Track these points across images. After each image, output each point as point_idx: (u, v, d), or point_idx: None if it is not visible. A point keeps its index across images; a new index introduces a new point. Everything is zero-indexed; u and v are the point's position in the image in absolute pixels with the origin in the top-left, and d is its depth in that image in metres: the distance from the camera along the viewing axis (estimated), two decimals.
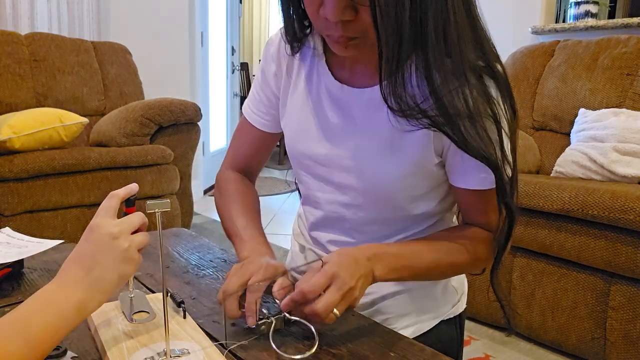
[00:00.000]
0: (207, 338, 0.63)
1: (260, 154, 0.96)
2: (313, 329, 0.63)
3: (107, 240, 0.57)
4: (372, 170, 0.76)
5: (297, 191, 0.96)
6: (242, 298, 0.67)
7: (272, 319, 0.64)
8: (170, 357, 0.59)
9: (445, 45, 0.63)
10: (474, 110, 0.66)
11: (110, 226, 0.58)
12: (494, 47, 0.70)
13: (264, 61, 0.89)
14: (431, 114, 0.65)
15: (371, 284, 0.67)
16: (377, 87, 0.72)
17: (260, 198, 0.94)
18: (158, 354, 0.59)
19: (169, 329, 0.60)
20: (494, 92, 0.68)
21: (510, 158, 0.70)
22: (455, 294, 0.90)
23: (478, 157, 0.67)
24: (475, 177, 0.73)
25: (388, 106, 0.67)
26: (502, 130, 0.68)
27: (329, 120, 0.80)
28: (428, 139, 0.73)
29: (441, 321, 0.87)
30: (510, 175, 0.71)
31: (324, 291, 0.62)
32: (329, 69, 0.80)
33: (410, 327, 0.84)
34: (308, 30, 0.80)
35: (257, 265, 0.68)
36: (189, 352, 0.60)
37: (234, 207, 0.87)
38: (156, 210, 0.58)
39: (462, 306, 0.91)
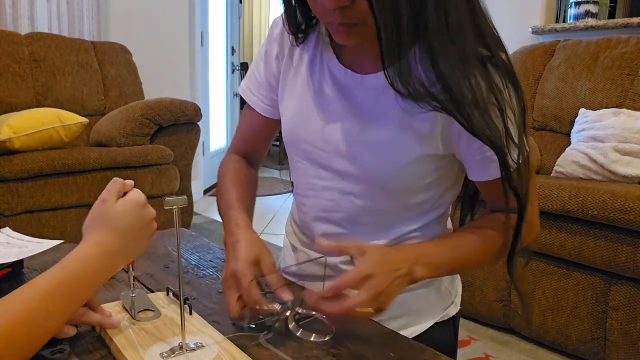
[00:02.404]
0: (218, 332, 0.64)
1: (260, 139, 0.95)
2: (325, 320, 0.65)
3: (149, 220, 0.65)
4: (372, 156, 0.76)
5: (291, 184, 0.96)
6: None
7: (289, 312, 0.66)
8: (186, 350, 0.59)
9: (448, 31, 0.63)
10: (479, 97, 0.66)
11: (151, 208, 0.66)
12: (497, 34, 0.70)
13: (268, 43, 0.88)
14: (440, 98, 0.66)
15: (411, 284, 0.69)
16: (382, 73, 0.71)
17: (260, 198, 0.94)
18: (172, 349, 0.59)
19: (184, 323, 0.61)
20: (497, 79, 0.68)
21: (517, 143, 0.70)
22: (449, 296, 0.88)
23: (484, 139, 0.67)
24: (488, 167, 0.73)
25: (395, 90, 0.67)
26: (507, 118, 0.68)
27: (332, 104, 0.79)
28: (433, 128, 0.73)
29: (435, 323, 0.86)
30: (518, 160, 0.71)
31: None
32: (334, 53, 0.80)
33: (403, 330, 0.83)
34: (314, 21, 0.80)
35: (240, 270, 0.69)
36: (203, 346, 0.60)
37: (226, 183, 0.88)
38: (174, 207, 0.58)
39: (455, 308, 0.90)
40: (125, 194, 0.65)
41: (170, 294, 0.75)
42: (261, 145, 0.96)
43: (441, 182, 0.80)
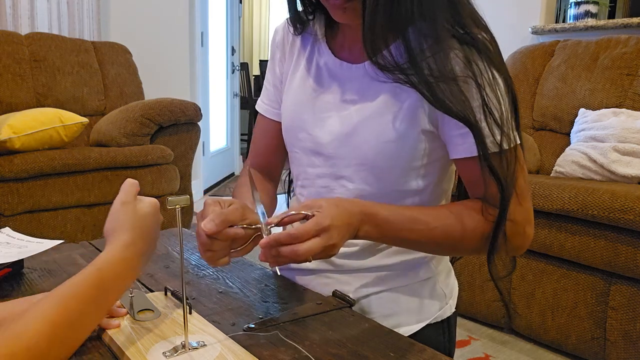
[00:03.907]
0: (220, 331, 0.64)
1: (276, 146, 0.95)
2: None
3: (160, 224, 0.68)
4: (361, 134, 0.78)
5: (289, 183, 0.98)
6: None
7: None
8: (189, 349, 0.59)
9: (420, 8, 0.68)
10: (448, 72, 0.69)
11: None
12: (479, 15, 0.73)
13: (271, 50, 0.94)
14: (407, 72, 0.70)
15: (352, 239, 0.70)
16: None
17: None
18: (175, 347, 0.60)
19: (187, 321, 0.61)
20: (476, 58, 0.70)
21: (501, 126, 0.70)
22: (443, 296, 0.87)
23: (448, 112, 0.69)
24: (463, 142, 0.73)
25: (369, 58, 0.72)
26: (486, 96, 0.70)
27: (326, 94, 0.82)
28: (418, 104, 0.75)
29: (428, 325, 0.84)
30: (501, 142, 0.71)
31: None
32: (330, 50, 0.84)
33: (393, 330, 0.82)
34: (312, 17, 0.85)
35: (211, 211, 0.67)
36: (205, 344, 0.61)
37: (238, 187, 0.90)
38: (176, 206, 0.59)
39: (450, 310, 0.88)
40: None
41: (169, 293, 0.75)
42: (276, 152, 0.95)
43: (436, 169, 0.80)
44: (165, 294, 0.75)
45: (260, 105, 0.96)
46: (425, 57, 0.69)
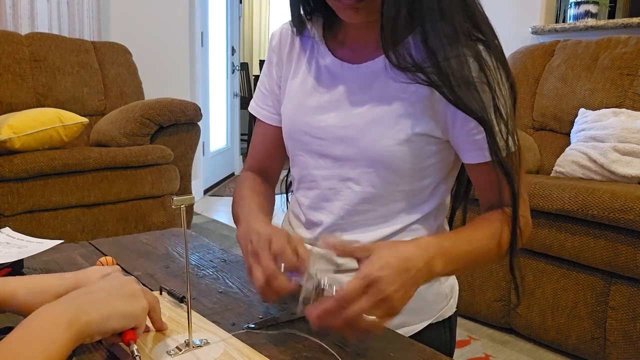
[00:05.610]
0: (222, 329, 0.64)
1: (272, 151, 0.94)
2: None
3: (120, 282, 0.59)
4: (368, 135, 0.77)
5: (287, 186, 0.97)
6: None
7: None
8: (193, 347, 0.59)
9: (439, 9, 0.69)
10: (467, 73, 0.70)
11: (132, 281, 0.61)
12: (488, 19, 0.74)
13: (268, 54, 0.93)
14: (427, 70, 0.70)
15: (429, 280, 0.65)
16: (378, 59, 0.77)
17: None
18: (178, 346, 0.59)
19: (191, 319, 0.61)
20: (489, 60, 0.72)
21: (508, 126, 0.72)
22: (445, 296, 0.87)
23: (470, 113, 0.70)
24: (481, 148, 0.74)
25: (386, 57, 0.71)
26: (497, 97, 0.71)
27: (328, 94, 0.82)
28: (425, 108, 0.75)
29: (430, 324, 0.85)
30: (506, 140, 0.72)
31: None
32: (329, 51, 0.84)
33: (396, 330, 0.82)
34: (309, 17, 0.85)
35: (268, 237, 0.65)
36: (208, 342, 0.61)
37: (242, 194, 0.87)
38: (182, 205, 0.59)
39: (451, 309, 0.88)
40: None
41: (164, 292, 0.75)
42: (274, 157, 0.95)
43: (439, 169, 0.81)
44: (160, 293, 0.75)
45: (256, 110, 0.94)
46: (446, 58, 0.70)
